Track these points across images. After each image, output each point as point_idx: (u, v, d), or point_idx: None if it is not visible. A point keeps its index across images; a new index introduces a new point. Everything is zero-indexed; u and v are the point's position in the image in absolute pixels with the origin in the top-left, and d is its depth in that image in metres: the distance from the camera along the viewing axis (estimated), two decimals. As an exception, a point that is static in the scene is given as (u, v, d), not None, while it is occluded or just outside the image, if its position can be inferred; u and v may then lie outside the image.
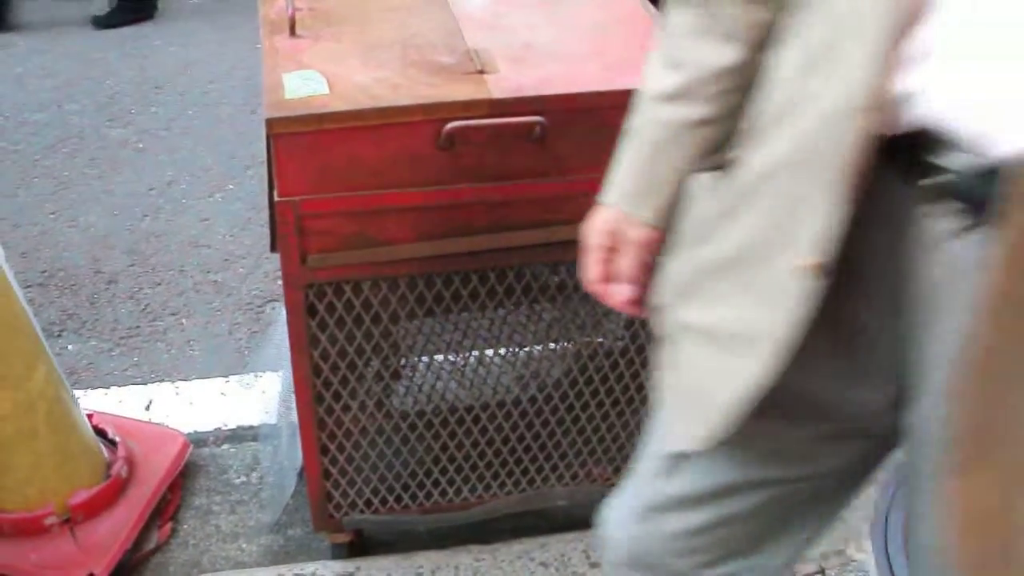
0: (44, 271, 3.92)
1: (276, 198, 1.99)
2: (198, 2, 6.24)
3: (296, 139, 1.93)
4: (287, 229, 2.02)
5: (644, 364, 2.52)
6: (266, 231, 2.63)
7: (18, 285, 2.46)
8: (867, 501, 2.88)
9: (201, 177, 4.56)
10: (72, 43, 5.70)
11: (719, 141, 1.40)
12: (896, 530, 2.80)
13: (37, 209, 4.29)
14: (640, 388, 2.57)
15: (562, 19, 2.30)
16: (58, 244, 4.08)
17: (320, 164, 1.96)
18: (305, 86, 1.97)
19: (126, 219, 4.24)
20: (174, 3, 6.18)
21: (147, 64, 5.54)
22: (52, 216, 4.24)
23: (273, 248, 2.25)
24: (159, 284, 3.88)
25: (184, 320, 3.71)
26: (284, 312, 2.20)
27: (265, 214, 2.45)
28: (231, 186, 4.50)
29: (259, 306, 3.77)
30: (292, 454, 2.85)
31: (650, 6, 2.36)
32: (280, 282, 2.13)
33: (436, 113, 1.95)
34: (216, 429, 3.20)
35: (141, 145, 4.81)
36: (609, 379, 2.51)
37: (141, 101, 5.19)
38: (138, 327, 3.66)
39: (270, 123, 1.90)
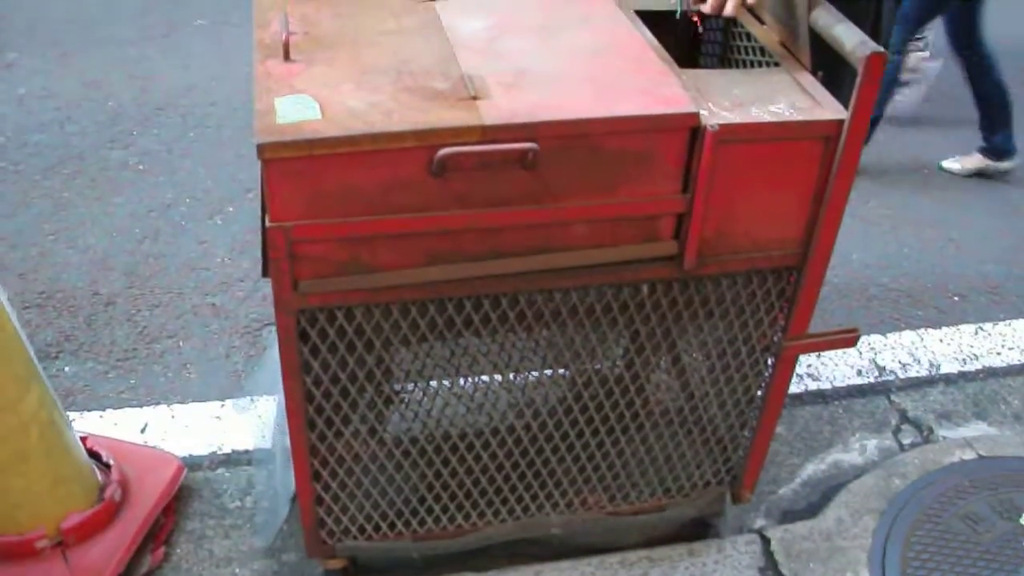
0: (42, 292, 3.90)
1: (268, 223, 1.98)
2: (202, 24, 6.24)
3: (288, 164, 1.91)
4: (279, 254, 2.00)
5: (640, 391, 2.51)
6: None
7: (12, 307, 2.45)
8: (866, 531, 2.87)
9: (201, 199, 4.56)
10: (75, 64, 5.70)
11: None
12: (894, 560, 2.79)
13: (36, 230, 4.28)
14: (635, 415, 2.55)
15: (556, 45, 2.29)
16: (56, 265, 4.07)
17: (312, 190, 1.95)
18: (297, 111, 1.96)
19: (125, 241, 4.24)
20: (177, 25, 6.18)
21: (149, 86, 5.55)
22: (51, 237, 4.23)
23: (265, 273, 2.24)
24: (157, 306, 3.87)
25: (181, 343, 3.70)
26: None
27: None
28: (231, 209, 4.49)
29: (256, 330, 3.76)
30: (286, 479, 2.84)
31: (645, 31, 2.35)
32: (274, 307, 2.13)
33: (428, 139, 1.94)
34: (211, 453, 3.19)
35: (141, 167, 4.81)
36: (604, 406, 2.49)
37: (142, 123, 5.19)
38: (135, 349, 3.65)
39: (261, 148, 1.89)
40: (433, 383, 2.45)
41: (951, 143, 5.41)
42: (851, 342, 2.52)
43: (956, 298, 4.18)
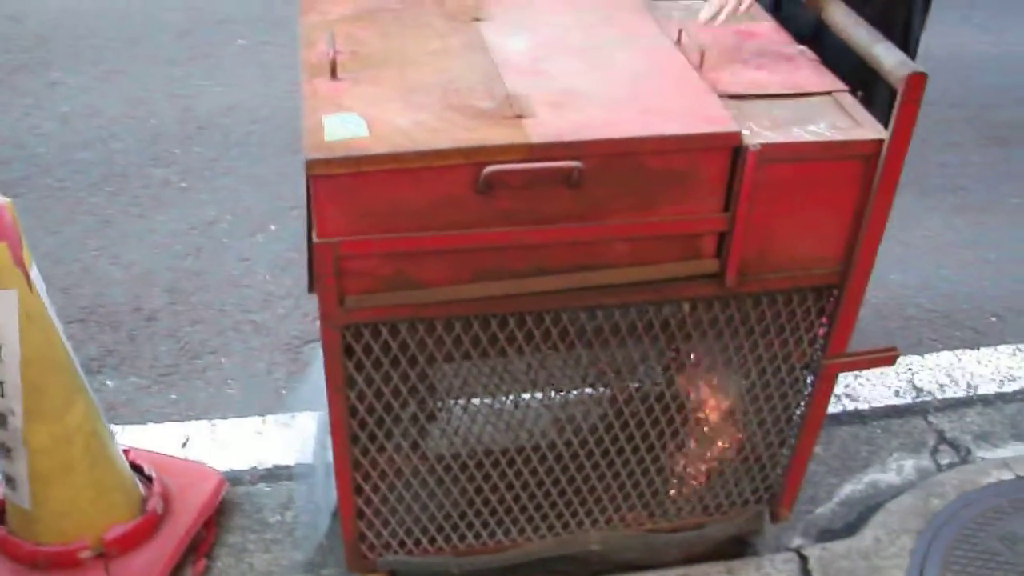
0: (85, 307, 3.95)
1: (315, 239, 2.01)
2: (244, 44, 6.29)
3: (335, 181, 1.94)
4: (325, 270, 2.03)
5: (680, 408, 2.53)
6: (306, 272, 2.64)
7: (59, 320, 2.49)
8: (903, 551, 2.87)
9: (243, 217, 4.59)
10: (118, 83, 5.75)
11: None
12: (932, 581, 2.78)
13: (80, 246, 4.32)
14: (675, 433, 2.57)
15: (601, 65, 2.31)
16: (99, 281, 4.11)
17: (359, 206, 1.98)
18: (345, 128, 1.99)
19: (167, 257, 4.28)
20: (219, 45, 6.23)
21: (191, 104, 5.59)
22: (94, 253, 4.28)
23: (311, 289, 2.27)
24: (199, 323, 3.91)
25: (223, 359, 3.73)
26: (322, 353, 2.21)
27: (306, 255, 2.47)
28: (273, 227, 4.52)
29: (297, 347, 3.79)
30: (327, 494, 2.86)
31: (684, 53, 2.37)
32: (319, 323, 2.15)
33: (474, 157, 1.96)
34: (252, 468, 3.22)
35: (184, 184, 4.85)
36: (644, 424, 2.51)
37: (185, 141, 5.24)
38: (177, 365, 3.69)
39: (309, 164, 1.92)
40: (475, 400, 2.47)
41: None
42: (890, 360, 2.53)
43: (994, 319, 4.17)
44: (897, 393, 3.67)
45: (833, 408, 3.46)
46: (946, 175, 5.23)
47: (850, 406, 3.60)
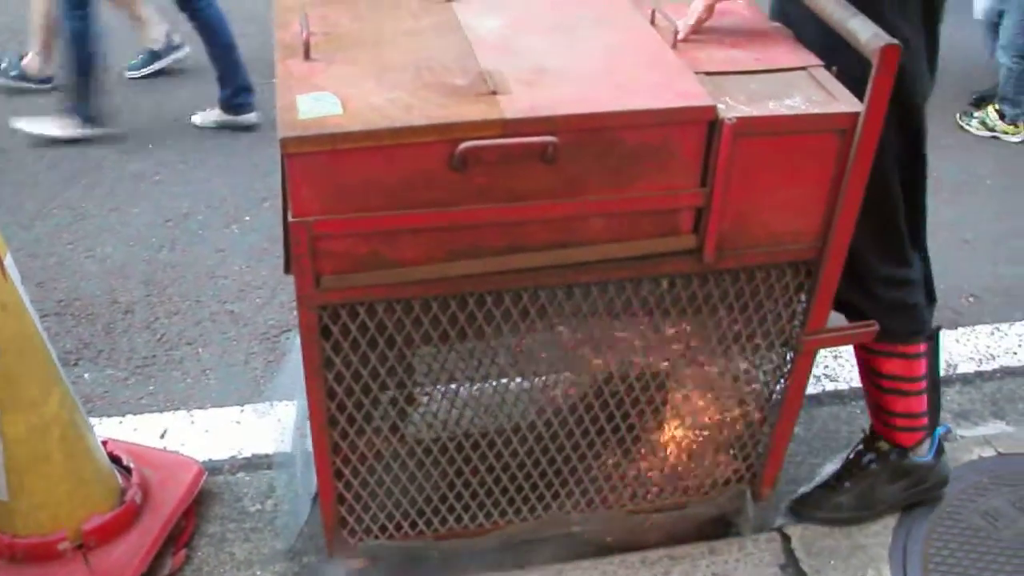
0: (61, 300, 3.93)
1: (290, 219, 2.00)
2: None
3: (310, 159, 1.93)
4: (301, 250, 2.02)
5: (661, 387, 2.52)
6: (282, 262, 2.63)
7: (35, 312, 2.47)
8: (886, 528, 2.87)
9: (217, 208, 4.58)
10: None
11: None
12: (915, 557, 2.79)
13: (55, 239, 4.31)
14: (656, 412, 2.56)
15: (573, 43, 2.31)
16: (75, 274, 4.09)
17: (334, 184, 1.97)
18: (319, 107, 1.97)
19: (143, 250, 4.26)
20: (193, 39, 6.21)
21: (164, 98, 5.58)
22: (69, 247, 4.26)
23: (287, 270, 2.25)
24: (175, 314, 3.89)
25: (200, 349, 3.71)
26: (299, 340, 2.20)
27: (281, 245, 2.46)
28: (247, 218, 4.51)
29: (275, 336, 3.78)
30: (307, 481, 2.85)
31: (659, 31, 2.37)
32: (296, 309, 2.13)
33: (449, 133, 1.95)
34: (231, 457, 3.20)
35: (158, 177, 4.84)
36: (625, 403, 2.50)
37: (158, 134, 5.22)
38: (154, 356, 3.67)
39: (284, 143, 1.90)
40: (454, 383, 2.46)
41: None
42: (870, 336, 2.53)
43: (971, 299, 4.18)
44: (876, 373, 3.68)
45: (813, 389, 3.48)
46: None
47: (830, 387, 3.60)
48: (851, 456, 2.98)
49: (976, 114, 5.69)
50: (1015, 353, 3.82)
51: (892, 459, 2.88)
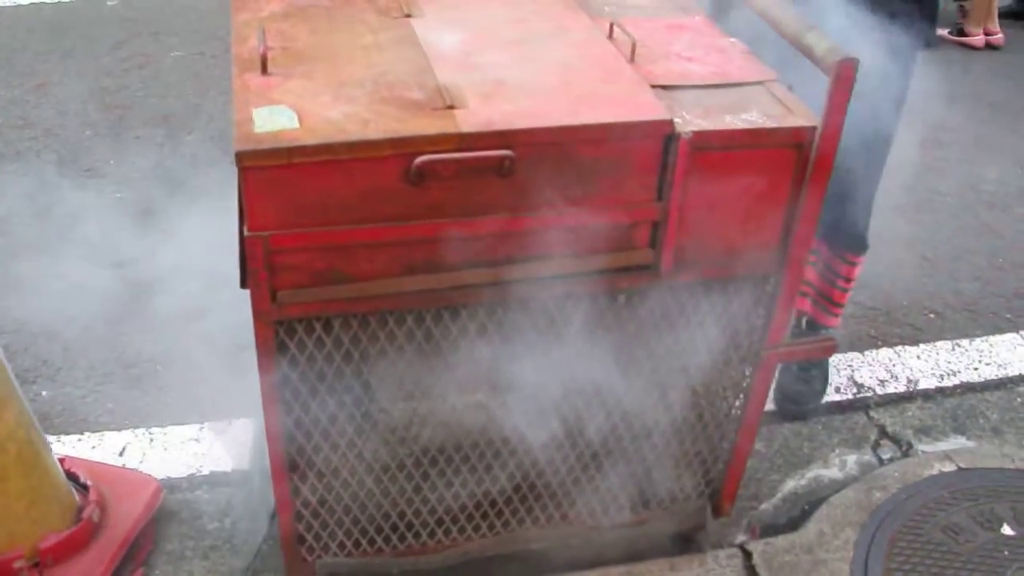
0: (18, 318, 3.89)
1: (245, 233, 1.98)
2: (178, 55, 6.25)
3: (265, 173, 1.92)
4: (257, 264, 2.00)
5: (619, 404, 2.52)
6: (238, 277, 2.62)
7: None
8: (847, 544, 2.88)
9: (179, 226, 4.55)
10: (51, 94, 5.70)
11: None
12: (876, 572, 2.79)
13: (12, 257, 4.26)
14: (615, 429, 2.56)
15: (532, 57, 2.30)
16: (33, 292, 4.04)
17: (290, 198, 1.96)
18: (275, 120, 1.96)
19: (102, 267, 4.22)
20: (154, 56, 6.19)
21: (126, 114, 5.55)
22: (27, 264, 4.22)
23: (243, 284, 2.24)
24: (134, 332, 3.86)
25: (159, 367, 3.69)
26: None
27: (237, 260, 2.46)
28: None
29: (234, 353, 3.75)
30: (265, 499, 2.83)
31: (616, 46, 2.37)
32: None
33: (405, 147, 1.95)
34: (190, 475, 3.18)
35: (119, 195, 4.81)
36: (583, 420, 2.49)
37: (121, 151, 5.19)
38: (113, 373, 3.64)
39: (239, 156, 1.89)
40: (412, 399, 2.44)
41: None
42: (829, 351, 2.54)
43: (932, 315, 4.20)
44: (838, 390, 3.69)
45: (774, 405, 3.48)
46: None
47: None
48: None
49: None
50: (976, 369, 3.84)
51: None
